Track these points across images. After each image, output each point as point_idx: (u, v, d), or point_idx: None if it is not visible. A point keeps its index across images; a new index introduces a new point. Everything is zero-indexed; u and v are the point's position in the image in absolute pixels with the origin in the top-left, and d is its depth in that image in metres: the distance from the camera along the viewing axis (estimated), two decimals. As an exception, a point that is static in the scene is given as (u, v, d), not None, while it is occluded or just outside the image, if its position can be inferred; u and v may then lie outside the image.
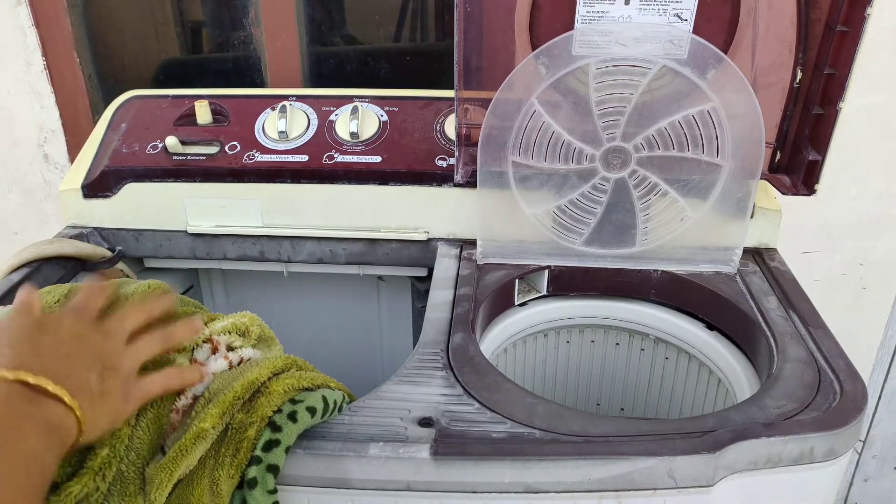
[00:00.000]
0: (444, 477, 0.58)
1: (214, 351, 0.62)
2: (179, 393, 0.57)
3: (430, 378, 0.67)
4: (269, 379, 0.59)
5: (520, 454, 0.58)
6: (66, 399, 0.47)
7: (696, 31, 0.78)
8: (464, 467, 0.58)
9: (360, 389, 0.67)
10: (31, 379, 0.46)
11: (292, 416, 0.57)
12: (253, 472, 0.54)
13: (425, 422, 0.61)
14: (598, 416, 0.63)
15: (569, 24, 0.79)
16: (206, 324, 0.63)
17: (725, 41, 0.82)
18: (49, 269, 0.86)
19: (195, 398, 0.58)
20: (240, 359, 0.62)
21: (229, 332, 0.64)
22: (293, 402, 0.58)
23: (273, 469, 0.55)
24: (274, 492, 0.55)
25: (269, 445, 0.55)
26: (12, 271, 0.84)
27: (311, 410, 0.58)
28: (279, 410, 0.57)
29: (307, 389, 0.61)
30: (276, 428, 0.56)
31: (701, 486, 0.59)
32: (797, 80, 0.84)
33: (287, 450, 0.56)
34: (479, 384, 0.66)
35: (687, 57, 0.77)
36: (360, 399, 0.65)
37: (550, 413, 0.62)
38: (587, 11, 0.79)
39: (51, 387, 0.46)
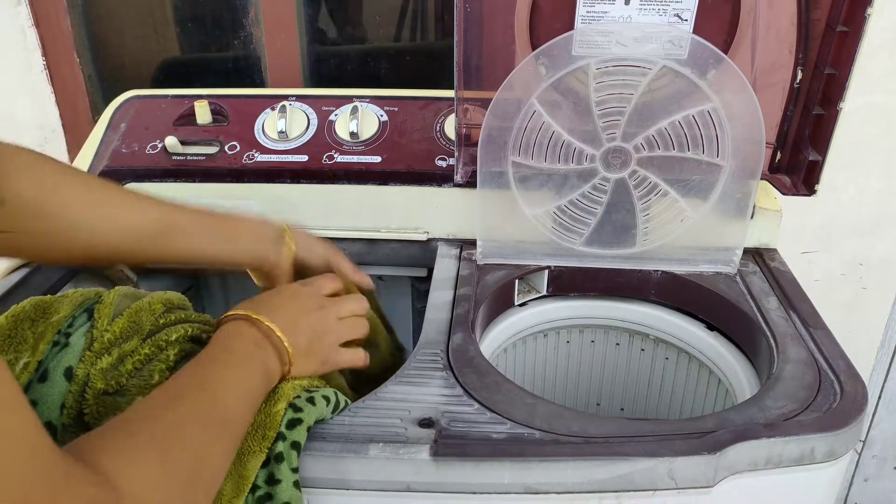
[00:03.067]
0: (444, 478, 0.58)
1: None
2: None
3: (430, 379, 0.67)
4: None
5: (520, 455, 0.58)
6: (286, 344, 0.60)
7: (696, 31, 0.78)
8: (464, 468, 0.58)
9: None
10: (266, 322, 0.60)
11: (311, 401, 0.60)
12: (280, 447, 0.57)
13: (425, 422, 0.61)
14: (597, 417, 0.63)
15: (569, 24, 0.79)
16: None
17: (725, 41, 0.82)
18: (49, 269, 0.86)
19: None
20: None
21: None
22: (308, 391, 0.62)
23: (296, 446, 0.57)
24: (296, 470, 0.57)
25: (292, 424, 0.58)
26: (12, 271, 0.84)
27: (326, 399, 0.61)
28: (297, 397, 0.61)
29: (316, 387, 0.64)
30: (297, 409, 0.59)
31: (701, 487, 0.59)
32: (797, 80, 0.84)
33: (308, 429, 0.58)
34: (479, 385, 0.66)
35: (687, 57, 0.77)
36: (359, 400, 0.65)
37: (550, 414, 0.62)
38: (587, 11, 0.79)
39: (278, 332, 0.60)
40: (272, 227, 0.74)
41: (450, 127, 0.96)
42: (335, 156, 0.94)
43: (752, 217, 0.86)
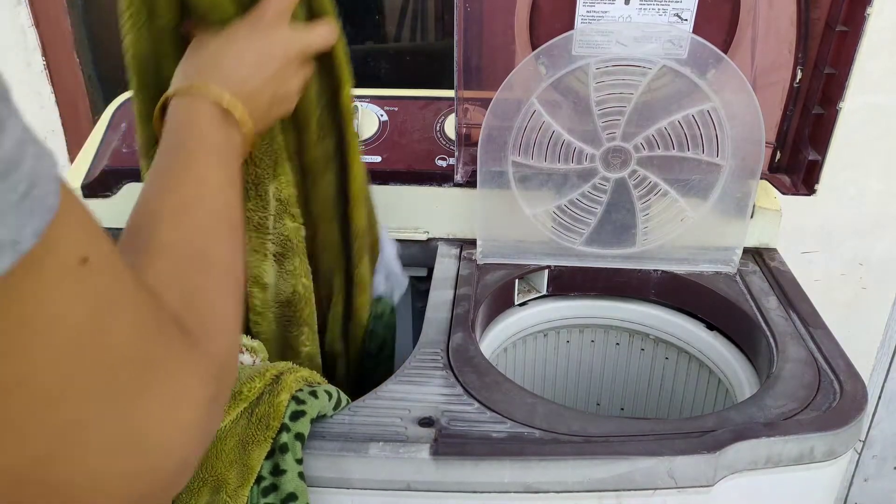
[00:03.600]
0: (444, 477, 0.58)
1: (241, 351, 0.68)
2: None
3: (430, 378, 0.67)
4: (290, 369, 0.64)
5: (520, 454, 0.58)
6: (248, 126, 0.54)
7: (696, 30, 0.78)
8: (464, 467, 0.58)
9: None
10: (229, 99, 0.53)
11: (313, 394, 0.61)
12: (284, 437, 0.57)
13: (425, 422, 0.61)
14: (597, 416, 0.63)
15: (569, 24, 0.79)
16: None
17: (725, 41, 0.82)
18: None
19: None
20: (254, 361, 0.69)
21: (253, 350, 0.70)
22: (310, 385, 0.63)
23: (300, 437, 0.58)
24: (301, 461, 0.57)
25: (296, 416, 0.59)
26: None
27: (328, 394, 0.62)
28: (300, 390, 0.61)
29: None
30: (299, 401, 0.60)
31: (701, 486, 0.59)
32: (797, 80, 0.84)
33: (311, 421, 0.59)
34: (479, 384, 0.66)
35: (687, 57, 0.77)
36: (360, 399, 0.65)
37: (550, 413, 0.62)
38: (587, 11, 0.79)
39: (240, 111, 0.53)
40: None
41: (450, 127, 0.96)
42: (335, 155, 0.94)
43: (752, 217, 0.86)
